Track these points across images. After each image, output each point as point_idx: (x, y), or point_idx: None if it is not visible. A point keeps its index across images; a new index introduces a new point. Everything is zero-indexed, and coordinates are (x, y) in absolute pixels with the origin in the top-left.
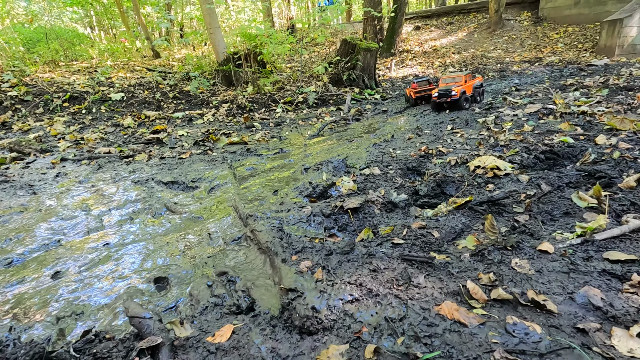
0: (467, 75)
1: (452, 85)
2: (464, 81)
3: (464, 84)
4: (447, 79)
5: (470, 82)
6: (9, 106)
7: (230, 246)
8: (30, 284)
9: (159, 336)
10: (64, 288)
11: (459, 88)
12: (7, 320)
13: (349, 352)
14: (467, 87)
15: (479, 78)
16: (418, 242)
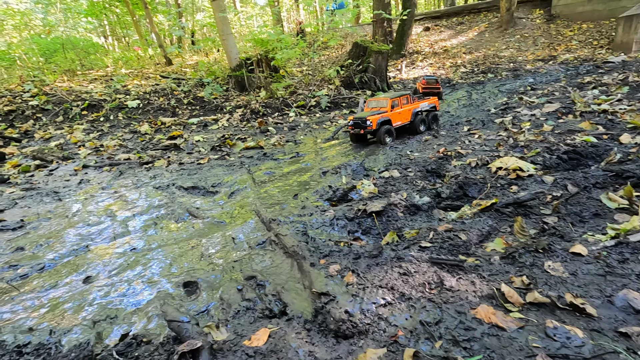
0: (401, 98)
1: (375, 111)
2: (389, 107)
3: (390, 111)
4: (371, 102)
5: (407, 106)
6: (31, 115)
7: (256, 250)
8: (63, 288)
9: (198, 340)
10: (96, 292)
11: (377, 117)
12: (45, 324)
13: (387, 355)
14: (395, 115)
15: (430, 99)
16: (446, 245)
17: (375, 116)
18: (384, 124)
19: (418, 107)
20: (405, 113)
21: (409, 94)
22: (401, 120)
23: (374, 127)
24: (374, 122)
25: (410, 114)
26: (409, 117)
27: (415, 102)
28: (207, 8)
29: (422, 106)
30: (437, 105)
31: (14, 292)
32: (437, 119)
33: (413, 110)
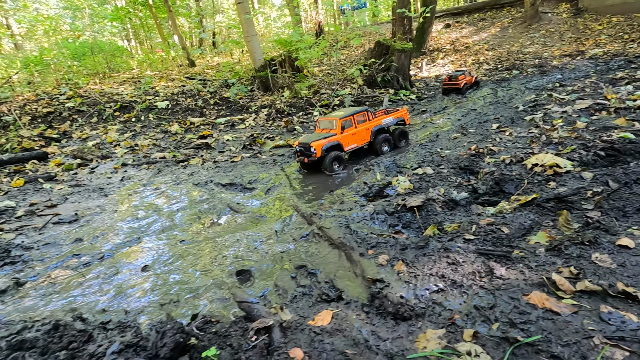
0: (355, 116)
1: (322, 135)
2: (338, 128)
3: (341, 133)
4: (322, 122)
5: (364, 125)
6: (67, 116)
7: (300, 242)
8: (124, 275)
9: (269, 318)
10: (156, 279)
11: (322, 142)
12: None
13: (446, 335)
14: (348, 138)
15: (398, 113)
16: (489, 238)
17: (320, 141)
18: (331, 149)
19: (380, 123)
20: (362, 133)
21: (366, 110)
22: (356, 142)
23: (317, 154)
24: (318, 149)
25: (369, 133)
26: (368, 136)
27: (376, 119)
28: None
29: (387, 122)
30: (406, 119)
31: (81, 278)
32: (406, 135)
33: (373, 128)
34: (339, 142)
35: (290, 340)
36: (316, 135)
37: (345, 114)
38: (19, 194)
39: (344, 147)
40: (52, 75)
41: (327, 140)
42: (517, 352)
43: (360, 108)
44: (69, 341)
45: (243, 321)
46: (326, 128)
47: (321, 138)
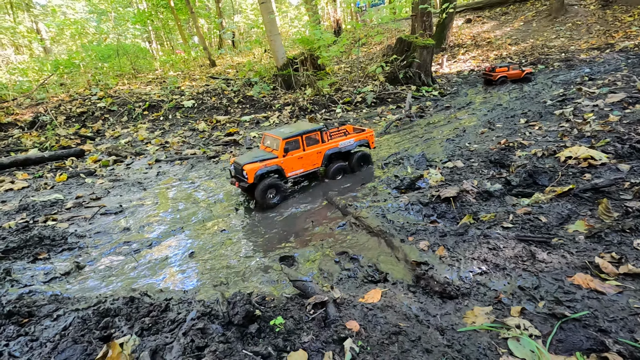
0: (304, 136)
1: (262, 155)
2: (281, 150)
3: (283, 156)
4: (267, 138)
5: (316, 147)
6: (99, 116)
7: (337, 231)
8: (174, 260)
9: (323, 295)
10: (203, 264)
11: (257, 165)
12: (171, 287)
13: (493, 312)
14: (291, 162)
15: (361, 135)
16: (527, 226)
17: (254, 165)
18: (268, 175)
19: (337, 146)
20: (312, 157)
21: (320, 130)
22: (303, 166)
23: (250, 180)
24: (251, 174)
25: (321, 158)
26: (319, 161)
27: (333, 140)
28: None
29: (345, 146)
30: (371, 141)
31: (134, 263)
32: (368, 159)
33: (326, 151)
34: (279, 166)
35: (345, 315)
36: (253, 155)
37: (291, 133)
38: (65, 188)
39: (286, 172)
40: (81, 76)
41: (264, 163)
42: (565, 326)
43: (313, 127)
44: (148, 310)
45: (298, 298)
46: (270, 147)
47: (257, 160)
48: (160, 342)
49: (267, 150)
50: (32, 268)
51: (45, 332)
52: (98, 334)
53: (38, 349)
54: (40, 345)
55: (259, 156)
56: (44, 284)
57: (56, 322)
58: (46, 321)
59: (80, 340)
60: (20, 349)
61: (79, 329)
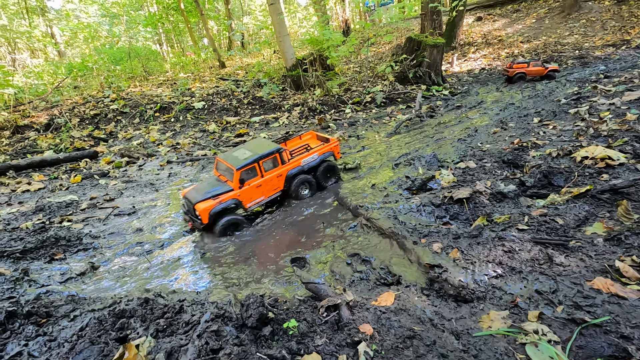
0: (261, 162)
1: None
2: (236, 182)
3: (240, 187)
4: (221, 165)
5: (275, 171)
6: (112, 118)
7: (348, 232)
8: (185, 260)
9: (336, 297)
10: (216, 264)
11: (211, 204)
12: (184, 287)
13: (510, 316)
14: (250, 192)
15: (324, 147)
16: (543, 228)
17: (207, 203)
18: (224, 213)
19: (299, 165)
20: (272, 181)
21: (278, 151)
22: (264, 194)
23: (204, 221)
24: (204, 215)
25: (283, 180)
26: (281, 184)
27: (294, 160)
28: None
29: (307, 163)
30: (336, 152)
31: (147, 263)
32: (335, 171)
33: (288, 173)
34: (236, 200)
35: (358, 318)
36: (206, 189)
37: (246, 161)
38: (79, 189)
39: (245, 204)
40: (95, 79)
41: (218, 200)
42: (585, 332)
43: (270, 148)
44: (163, 312)
45: (311, 300)
46: (224, 175)
47: (210, 197)
48: (175, 344)
49: (221, 179)
50: (49, 268)
51: (63, 332)
52: (114, 335)
53: (56, 349)
54: (58, 345)
55: (212, 190)
56: (60, 284)
57: (73, 323)
58: (63, 321)
59: (97, 341)
60: (39, 348)
61: (96, 330)
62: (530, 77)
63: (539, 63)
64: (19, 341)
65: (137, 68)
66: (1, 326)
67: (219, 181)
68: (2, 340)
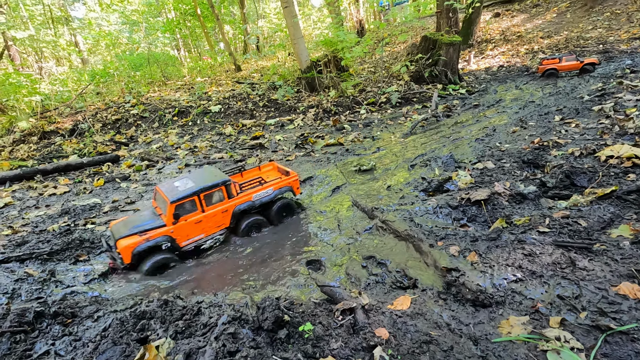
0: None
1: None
2: (170, 216)
3: (174, 223)
4: (159, 196)
5: (221, 205)
6: (133, 122)
7: (364, 235)
8: (208, 260)
9: (351, 301)
10: (234, 267)
11: (136, 241)
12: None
13: (530, 322)
14: (186, 228)
15: (282, 181)
16: (565, 231)
17: (131, 240)
18: (152, 251)
19: (250, 199)
20: (216, 217)
21: (225, 183)
22: (204, 231)
23: (125, 260)
24: (126, 253)
25: (229, 217)
26: (226, 220)
27: (244, 194)
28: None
29: (258, 198)
30: (295, 187)
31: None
32: (292, 210)
33: (235, 209)
34: (168, 237)
35: (374, 321)
36: (135, 223)
37: (183, 194)
38: (102, 192)
39: (179, 242)
40: (116, 85)
41: (145, 236)
42: (610, 339)
43: (216, 180)
44: (182, 314)
45: (326, 303)
46: (160, 208)
47: (137, 232)
48: (193, 346)
49: (157, 212)
50: (74, 269)
51: (87, 332)
52: (135, 335)
53: (81, 349)
54: (83, 345)
55: (141, 224)
56: (84, 285)
57: (97, 323)
58: (88, 322)
59: (119, 342)
60: (65, 348)
61: (118, 331)
62: (564, 72)
63: (572, 57)
64: (46, 340)
65: (156, 73)
66: (30, 326)
67: (155, 214)
68: (31, 339)
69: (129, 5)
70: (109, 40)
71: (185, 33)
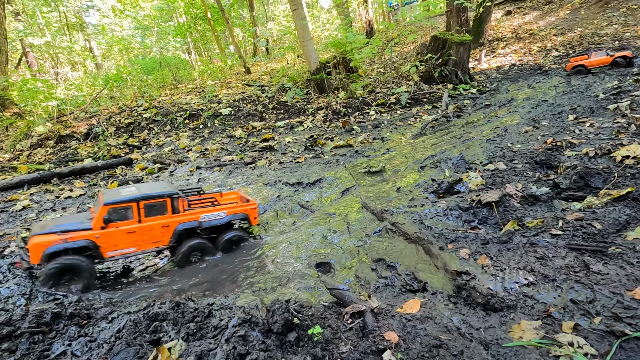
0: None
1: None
2: (99, 219)
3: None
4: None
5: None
6: (145, 126)
7: (373, 237)
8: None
9: (361, 304)
10: (244, 269)
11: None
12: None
13: (542, 327)
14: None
15: (238, 207)
16: (579, 233)
17: (48, 237)
18: (67, 253)
19: (197, 219)
20: (154, 231)
21: (171, 196)
22: (137, 244)
23: (32, 260)
24: (35, 251)
25: (170, 234)
26: (166, 237)
27: (190, 212)
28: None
29: (207, 220)
30: (252, 217)
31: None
32: (242, 240)
33: (178, 226)
34: (91, 242)
35: (383, 325)
36: (59, 222)
37: (121, 198)
38: None
39: (104, 251)
40: (129, 89)
41: (64, 237)
42: (626, 346)
43: (161, 191)
44: (193, 316)
45: (335, 306)
46: (95, 211)
47: (57, 231)
48: (204, 348)
49: (92, 215)
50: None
51: (102, 333)
52: (148, 337)
53: (96, 350)
54: (98, 346)
55: (65, 225)
56: (98, 286)
57: (111, 325)
58: (102, 323)
59: (132, 343)
60: (81, 349)
61: (132, 332)
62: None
63: (601, 52)
64: (63, 341)
65: (168, 77)
66: (47, 327)
67: (88, 218)
68: (49, 339)
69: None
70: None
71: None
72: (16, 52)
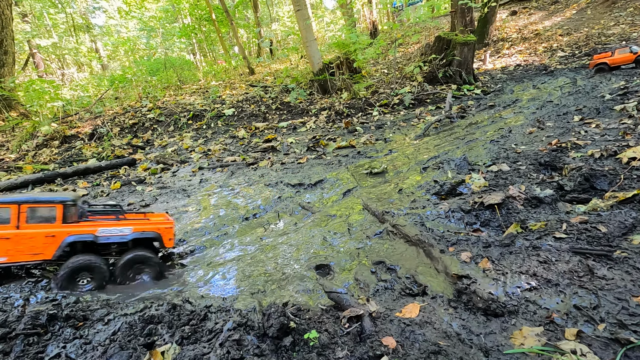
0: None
1: None
2: None
3: None
4: None
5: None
6: (149, 126)
7: (374, 239)
8: (218, 262)
9: (359, 308)
10: (243, 271)
11: None
12: (212, 293)
13: (544, 333)
14: None
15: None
16: (583, 237)
17: None
18: None
19: (93, 232)
20: (35, 241)
21: (65, 202)
22: (8, 254)
23: None
24: None
25: (55, 245)
26: (49, 250)
27: (85, 224)
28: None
29: (105, 235)
30: (166, 236)
31: (180, 268)
32: (151, 265)
33: (66, 238)
34: None
35: (381, 330)
36: None
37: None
38: (118, 195)
39: None
40: (133, 90)
41: None
42: (630, 354)
43: (53, 197)
44: (189, 319)
45: (333, 310)
46: None
47: None
48: (198, 352)
49: None
50: None
51: (97, 335)
52: (142, 340)
53: (91, 352)
54: (92, 348)
55: None
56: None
57: (107, 327)
58: (98, 325)
59: (126, 347)
60: (76, 351)
61: (126, 335)
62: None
63: (625, 49)
64: (58, 343)
65: (172, 78)
66: (43, 328)
67: None
68: (44, 341)
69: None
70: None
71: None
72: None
